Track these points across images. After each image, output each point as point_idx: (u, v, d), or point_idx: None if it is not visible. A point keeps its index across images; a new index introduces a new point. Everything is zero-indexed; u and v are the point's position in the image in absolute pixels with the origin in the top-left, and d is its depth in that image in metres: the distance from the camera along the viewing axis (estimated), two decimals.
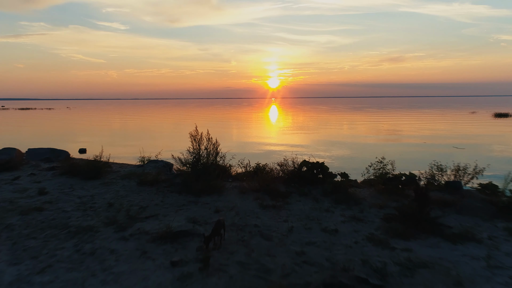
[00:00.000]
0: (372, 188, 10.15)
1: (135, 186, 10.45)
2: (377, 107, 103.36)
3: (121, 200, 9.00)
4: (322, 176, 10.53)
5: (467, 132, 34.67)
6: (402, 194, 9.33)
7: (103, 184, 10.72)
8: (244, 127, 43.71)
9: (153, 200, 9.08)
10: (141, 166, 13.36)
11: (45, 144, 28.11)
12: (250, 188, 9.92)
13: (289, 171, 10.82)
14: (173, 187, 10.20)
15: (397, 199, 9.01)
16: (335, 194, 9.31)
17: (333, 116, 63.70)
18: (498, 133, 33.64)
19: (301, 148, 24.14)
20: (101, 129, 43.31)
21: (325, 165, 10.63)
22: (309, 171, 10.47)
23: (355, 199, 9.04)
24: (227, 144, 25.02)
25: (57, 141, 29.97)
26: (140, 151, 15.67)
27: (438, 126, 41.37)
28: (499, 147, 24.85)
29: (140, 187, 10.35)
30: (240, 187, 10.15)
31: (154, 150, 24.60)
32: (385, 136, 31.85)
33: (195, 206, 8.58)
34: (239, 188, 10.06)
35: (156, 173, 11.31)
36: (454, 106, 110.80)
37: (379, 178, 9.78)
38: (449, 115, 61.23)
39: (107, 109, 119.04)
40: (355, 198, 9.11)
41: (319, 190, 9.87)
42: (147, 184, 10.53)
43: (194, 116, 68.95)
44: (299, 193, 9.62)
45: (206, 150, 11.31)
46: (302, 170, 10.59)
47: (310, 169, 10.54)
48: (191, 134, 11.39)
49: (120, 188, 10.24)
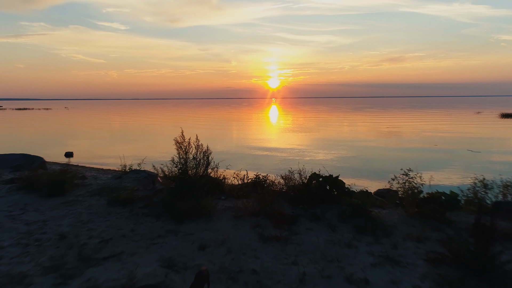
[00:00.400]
0: (400, 209, 8.09)
1: (104, 207, 8.38)
2: (379, 107, 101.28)
3: (80, 229, 6.93)
4: (336, 193, 8.47)
5: (477, 133, 32.66)
6: (443, 219, 7.26)
7: (65, 203, 8.65)
8: (243, 129, 41.65)
9: (122, 228, 7.01)
10: (119, 178, 11.28)
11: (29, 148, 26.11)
12: (247, 209, 7.86)
13: (295, 186, 8.76)
14: (150, 208, 8.14)
15: (438, 228, 6.95)
16: (356, 219, 7.27)
17: (336, 117, 61.70)
18: (510, 135, 31.63)
19: (305, 153, 22.08)
20: (94, 130, 41.25)
21: (340, 180, 8.57)
22: (320, 187, 8.41)
23: (382, 227, 6.98)
24: (223, 149, 22.99)
25: (43, 144, 27.95)
26: (122, 157, 13.63)
27: (445, 127, 39.33)
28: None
29: (110, 208, 8.27)
30: (234, 209, 8.07)
31: (144, 153, 22.52)
32: (393, 139, 29.79)
33: (175, 239, 6.51)
34: (233, 210, 7.98)
35: (132, 189, 9.23)
36: (457, 106, 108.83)
37: (410, 197, 7.71)
38: (454, 116, 59.19)
39: (105, 109, 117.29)
40: (382, 226, 7.05)
41: (335, 212, 7.80)
42: (120, 203, 8.46)
43: (192, 116, 66.90)
44: (310, 217, 7.57)
45: (194, 159, 9.27)
46: (311, 186, 8.53)
47: (322, 184, 8.48)
48: (176, 140, 9.34)
49: (84, 210, 8.16)
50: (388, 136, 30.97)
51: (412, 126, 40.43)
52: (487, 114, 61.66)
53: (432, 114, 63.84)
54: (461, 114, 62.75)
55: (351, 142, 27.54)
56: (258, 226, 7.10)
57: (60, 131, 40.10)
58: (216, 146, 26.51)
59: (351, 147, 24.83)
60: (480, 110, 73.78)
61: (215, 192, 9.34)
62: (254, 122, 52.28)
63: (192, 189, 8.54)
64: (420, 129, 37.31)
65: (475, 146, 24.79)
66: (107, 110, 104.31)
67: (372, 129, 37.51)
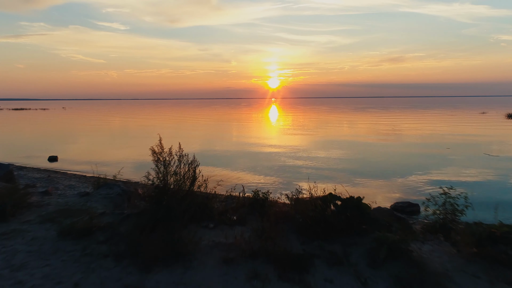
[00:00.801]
0: (449, 247, 6.01)
1: (52, 241, 6.28)
2: (381, 108, 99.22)
3: (2, 282, 4.85)
4: (360, 221, 6.40)
5: (488, 135, 30.64)
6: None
7: (3, 234, 6.55)
8: (241, 131, 39.58)
9: (62, 280, 4.92)
10: (85, 196, 9.16)
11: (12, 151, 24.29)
12: (241, 247, 5.78)
13: (305, 211, 6.68)
14: (112, 244, 6.05)
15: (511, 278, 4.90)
16: (393, 264, 5.21)
17: (338, 118, 59.68)
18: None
19: (310, 160, 20.00)
20: (87, 131, 39.10)
21: (365, 204, 6.49)
22: (339, 215, 6.33)
23: (433, 279, 4.91)
24: (216, 157, 20.95)
25: (29, 147, 25.86)
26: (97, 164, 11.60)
27: (453, 128, 37.30)
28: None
29: (59, 243, 6.18)
30: (224, 246, 5.97)
31: (134, 157, 20.34)
32: (400, 141, 27.72)
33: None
34: (223, 249, 5.88)
35: (92, 214, 7.10)
36: (459, 106, 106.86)
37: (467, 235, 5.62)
38: (459, 116, 57.17)
39: (103, 109, 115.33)
40: (433, 276, 4.98)
41: (360, 250, 5.74)
42: (73, 235, 6.37)
43: (189, 117, 64.80)
44: (328, 259, 5.50)
45: (175, 175, 7.23)
46: (327, 212, 6.46)
47: (341, 210, 6.41)
48: (153, 150, 7.28)
49: (23, 246, 6.07)
50: (394, 138, 28.91)
51: (417, 128, 38.37)
52: (492, 114, 59.69)
53: (435, 115, 61.81)
54: (466, 115, 60.75)
55: (355, 144, 25.49)
56: (256, 276, 5.02)
57: (51, 133, 37.94)
58: (209, 147, 24.48)
59: (355, 149, 22.79)
60: (485, 111, 71.82)
61: (201, 217, 7.28)
62: (252, 124, 50.23)
63: (170, 215, 6.48)
64: (426, 130, 35.27)
65: (491, 149, 22.82)
66: (105, 110, 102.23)
67: (377, 131, 35.46)
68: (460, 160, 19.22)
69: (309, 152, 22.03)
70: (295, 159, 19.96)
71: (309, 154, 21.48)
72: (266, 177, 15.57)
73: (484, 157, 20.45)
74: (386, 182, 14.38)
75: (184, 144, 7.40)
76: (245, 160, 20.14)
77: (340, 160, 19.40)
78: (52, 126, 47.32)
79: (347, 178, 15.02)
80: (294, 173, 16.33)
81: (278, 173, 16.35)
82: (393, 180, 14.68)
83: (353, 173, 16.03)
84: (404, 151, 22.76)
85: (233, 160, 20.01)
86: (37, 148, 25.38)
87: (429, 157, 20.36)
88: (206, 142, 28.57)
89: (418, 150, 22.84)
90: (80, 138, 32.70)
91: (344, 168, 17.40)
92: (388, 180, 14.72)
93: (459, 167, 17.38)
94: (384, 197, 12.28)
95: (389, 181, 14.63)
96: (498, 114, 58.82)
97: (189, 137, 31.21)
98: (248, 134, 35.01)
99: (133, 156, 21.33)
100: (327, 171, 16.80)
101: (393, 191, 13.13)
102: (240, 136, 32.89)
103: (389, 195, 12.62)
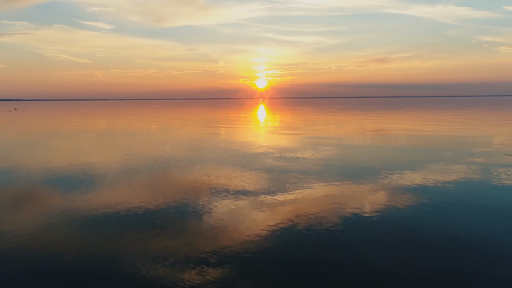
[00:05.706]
0: None
1: None
2: (374, 108, 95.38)
3: None
4: None
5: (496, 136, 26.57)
6: None
7: None
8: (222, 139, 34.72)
9: None
10: None
11: None
12: None
13: None
14: None
15: None
16: None
17: (337, 117, 55.41)
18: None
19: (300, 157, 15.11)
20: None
21: None
22: None
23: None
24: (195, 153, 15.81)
25: None
26: None
27: (458, 128, 33.07)
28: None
29: None
30: None
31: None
32: (410, 147, 23.11)
33: None
34: None
35: None
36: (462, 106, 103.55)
37: None
38: (461, 116, 53.33)
39: (56, 110, 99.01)
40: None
41: None
42: None
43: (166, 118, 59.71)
44: None
45: None
46: None
47: None
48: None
49: None
50: (398, 142, 24.38)
51: (418, 128, 33.98)
52: (492, 115, 56.01)
53: (436, 115, 57.85)
54: (470, 115, 56.98)
55: (360, 148, 20.88)
56: None
57: None
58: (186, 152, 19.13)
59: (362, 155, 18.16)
60: (482, 112, 68.32)
61: None
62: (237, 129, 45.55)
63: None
64: (428, 131, 30.89)
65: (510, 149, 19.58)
66: (67, 112, 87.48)
67: (379, 134, 30.95)
68: (485, 164, 14.65)
69: (317, 157, 17.19)
70: (284, 157, 15.11)
71: (316, 159, 16.65)
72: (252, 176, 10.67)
73: (504, 158, 17.18)
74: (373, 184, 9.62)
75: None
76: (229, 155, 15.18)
77: (352, 165, 14.62)
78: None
79: (357, 183, 10.25)
80: (281, 166, 11.46)
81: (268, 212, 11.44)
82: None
83: (365, 175, 11.25)
84: (419, 158, 18.13)
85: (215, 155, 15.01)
86: None
87: (448, 160, 15.75)
88: (188, 136, 23.50)
89: (432, 159, 18.24)
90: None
91: (356, 173, 12.62)
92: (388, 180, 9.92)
93: (488, 172, 12.77)
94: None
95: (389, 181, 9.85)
96: (496, 115, 55.20)
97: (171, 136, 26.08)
98: (236, 134, 30.07)
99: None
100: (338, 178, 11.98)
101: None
102: (230, 135, 27.98)
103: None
